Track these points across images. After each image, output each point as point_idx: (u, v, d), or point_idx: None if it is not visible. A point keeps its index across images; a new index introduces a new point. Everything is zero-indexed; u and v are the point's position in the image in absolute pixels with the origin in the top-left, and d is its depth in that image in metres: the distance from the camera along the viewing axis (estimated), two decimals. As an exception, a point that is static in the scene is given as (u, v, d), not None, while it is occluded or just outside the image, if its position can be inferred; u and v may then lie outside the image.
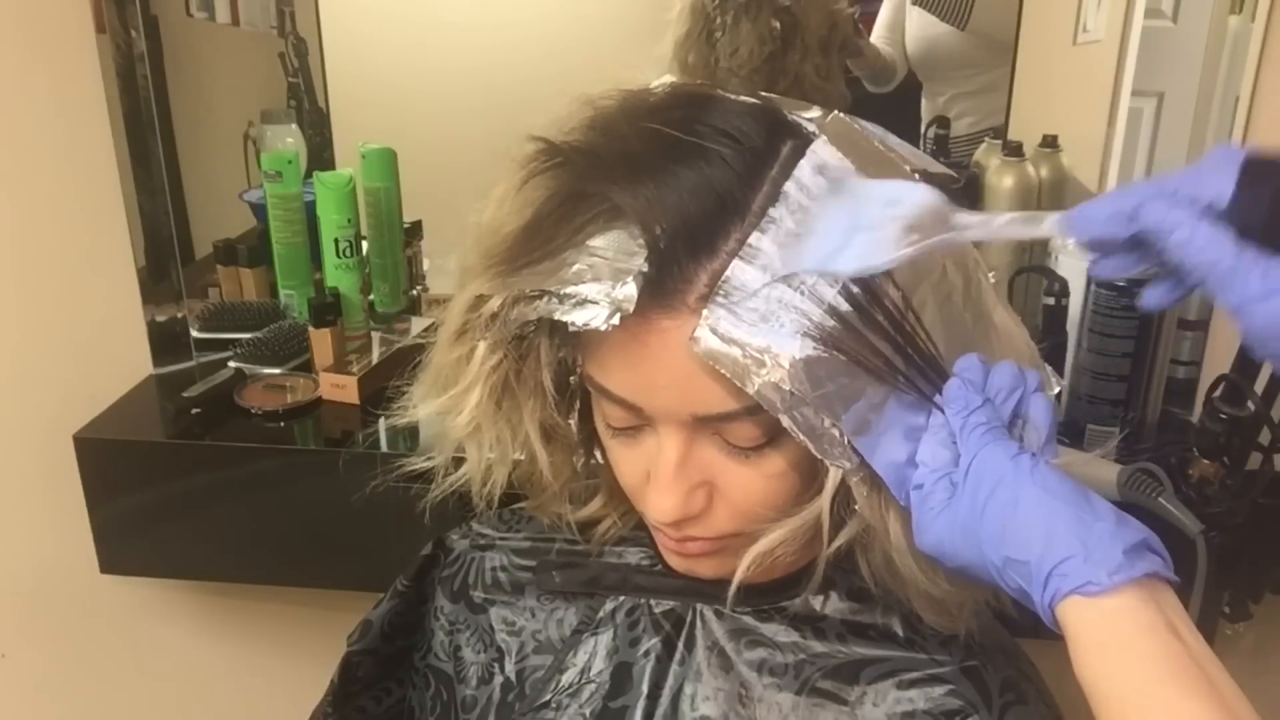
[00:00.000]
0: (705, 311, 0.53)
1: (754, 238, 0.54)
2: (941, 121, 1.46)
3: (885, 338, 0.54)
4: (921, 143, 1.46)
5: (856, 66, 1.44)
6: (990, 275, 0.63)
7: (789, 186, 0.55)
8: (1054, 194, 1.40)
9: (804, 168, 0.55)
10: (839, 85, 1.42)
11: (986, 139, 1.42)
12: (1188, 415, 1.26)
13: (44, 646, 1.55)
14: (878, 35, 1.45)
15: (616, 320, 0.53)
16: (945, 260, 0.58)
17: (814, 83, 1.39)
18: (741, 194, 0.54)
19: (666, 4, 1.37)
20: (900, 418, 0.55)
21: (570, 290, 0.54)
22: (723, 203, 0.54)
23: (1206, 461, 1.12)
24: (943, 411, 0.55)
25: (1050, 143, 1.39)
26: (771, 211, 0.54)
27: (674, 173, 0.54)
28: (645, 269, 0.53)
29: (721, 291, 0.53)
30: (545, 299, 0.56)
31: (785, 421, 0.53)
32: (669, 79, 0.63)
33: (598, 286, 0.54)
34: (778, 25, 1.35)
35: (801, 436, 0.54)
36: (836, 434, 0.55)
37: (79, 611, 1.53)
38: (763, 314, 0.53)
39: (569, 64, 1.38)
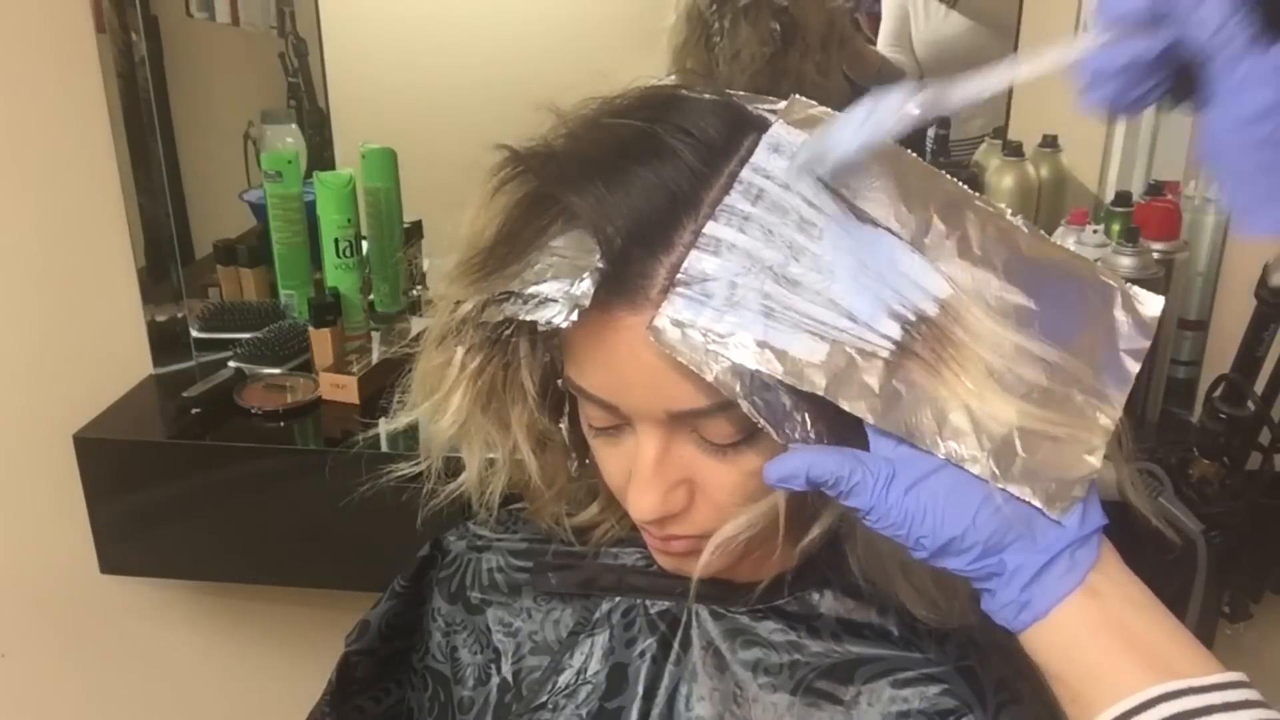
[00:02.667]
0: (664, 302, 0.54)
1: (709, 227, 0.54)
2: (942, 122, 1.46)
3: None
4: (924, 143, 1.46)
5: (856, 71, 1.44)
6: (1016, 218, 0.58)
7: (744, 172, 0.55)
8: (1054, 194, 1.40)
9: (760, 151, 0.56)
10: (839, 80, 1.42)
11: (986, 139, 1.43)
12: (1188, 415, 1.26)
13: (44, 646, 1.55)
14: (883, 46, 1.45)
15: (575, 316, 0.54)
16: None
17: (814, 80, 1.40)
18: (693, 187, 0.55)
19: (665, 8, 1.37)
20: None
21: (532, 290, 0.56)
22: (674, 198, 0.55)
23: (1206, 461, 1.12)
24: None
25: (1050, 143, 1.39)
26: (727, 200, 0.55)
27: (628, 172, 0.55)
28: (601, 265, 0.54)
29: (680, 282, 0.54)
30: (511, 300, 0.57)
31: (745, 407, 0.53)
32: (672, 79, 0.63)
33: (557, 285, 0.55)
34: (777, 26, 1.36)
35: (761, 421, 0.54)
36: (798, 417, 0.54)
37: (79, 611, 1.53)
38: (725, 298, 0.53)
39: (570, 64, 1.39)
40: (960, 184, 0.57)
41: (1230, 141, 0.47)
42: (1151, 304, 0.58)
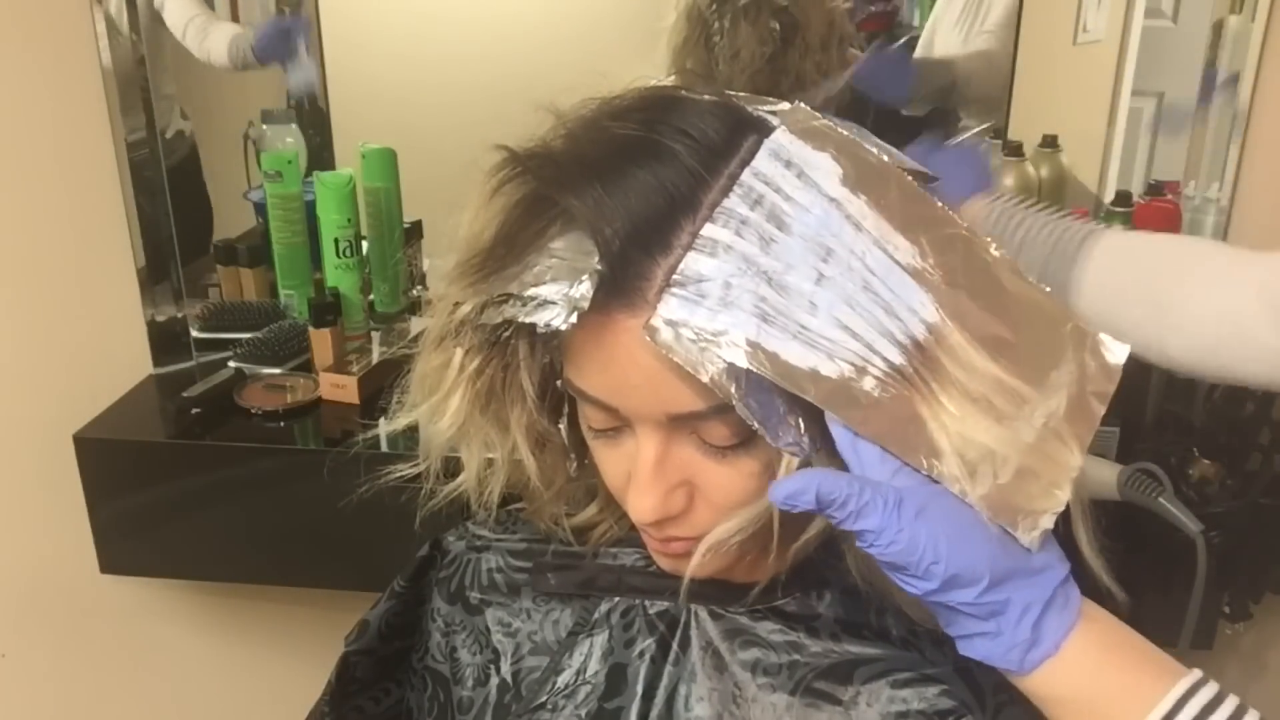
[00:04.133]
0: (659, 303, 0.54)
1: (707, 229, 0.54)
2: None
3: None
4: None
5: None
6: (993, 247, 0.58)
7: (745, 176, 0.55)
8: (1054, 194, 1.40)
9: (761, 156, 0.56)
10: (839, 80, 1.42)
11: (986, 139, 1.42)
12: (1188, 415, 1.26)
13: (44, 646, 1.55)
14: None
15: (574, 319, 0.54)
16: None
17: (814, 80, 1.39)
18: (691, 189, 0.55)
19: (664, 8, 1.37)
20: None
21: (531, 292, 0.56)
22: (673, 200, 0.55)
23: (1206, 461, 1.12)
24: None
25: (1050, 143, 1.39)
26: (726, 202, 0.55)
27: (627, 174, 0.55)
28: (599, 268, 0.54)
29: (677, 283, 0.54)
30: (510, 302, 0.57)
31: (740, 409, 0.54)
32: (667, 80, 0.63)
33: (556, 287, 0.55)
34: (777, 26, 1.35)
35: (755, 424, 0.54)
36: (791, 421, 0.55)
37: (79, 611, 1.53)
38: (719, 298, 0.53)
39: (569, 64, 1.39)
40: (949, 211, 0.58)
41: None
42: (1117, 351, 0.59)
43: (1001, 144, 1.39)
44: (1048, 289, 0.59)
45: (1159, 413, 1.26)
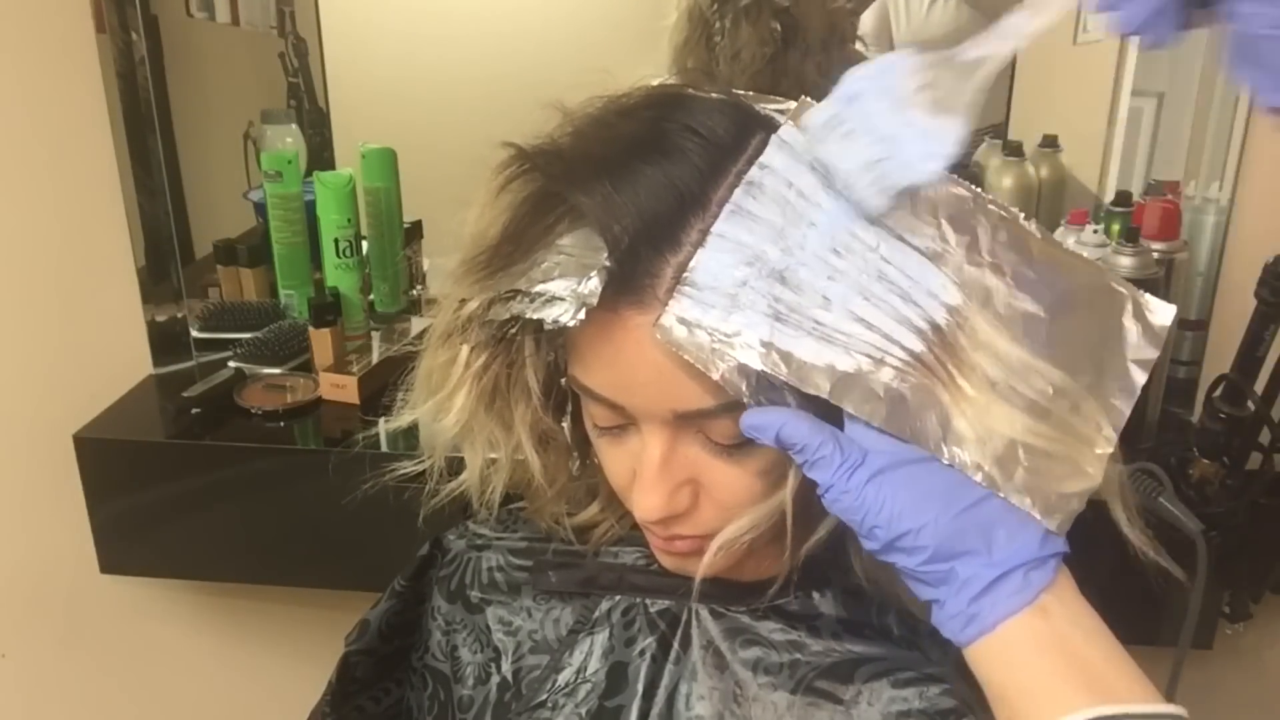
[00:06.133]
0: (671, 301, 0.54)
1: (717, 226, 0.55)
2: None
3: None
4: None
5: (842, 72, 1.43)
6: (1028, 222, 0.57)
7: (753, 172, 0.55)
8: (1054, 194, 1.40)
9: (769, 151, 0.56)
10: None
11: (986, 139, 1.42)
12: (1188, 415, 1.26)
13: (44, 646, 1.55)
14: (862, 45, 1.45)
15: (582, 315, 0.54)
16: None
17: (815, 80, 1.39)
18: (701, 187, 0.55)
19: (666, 7, 1.37)
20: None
21: (539, 288, 0.56)
22: (682, 197, 0.55)
23: (1206, 461, 1.12)
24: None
25: (1050, 142, 1.40)
26: (734, 199, 0.55)
27: (636, 170, 0.55)
28: (608, 264, 0.54)
29: (687, 281, 0.54)
30: (518, 298, 0.57)
31: (750, 407, 0.53)
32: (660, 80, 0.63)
33: (564, 283, 0.55)
34: (778, 27, 1.35)
35: None
36: None
37: (79, 611, 1.53)
38: (731, 297, 0.53)
39: (570, 63, 1.39)
40: (973, 187, 0.57)
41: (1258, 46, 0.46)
42: (1162, 312, 0.57)
43: (1001, 144, 1.39)
44: (1071, 248, 0.58)
45: (1159, 413, 1.26)
